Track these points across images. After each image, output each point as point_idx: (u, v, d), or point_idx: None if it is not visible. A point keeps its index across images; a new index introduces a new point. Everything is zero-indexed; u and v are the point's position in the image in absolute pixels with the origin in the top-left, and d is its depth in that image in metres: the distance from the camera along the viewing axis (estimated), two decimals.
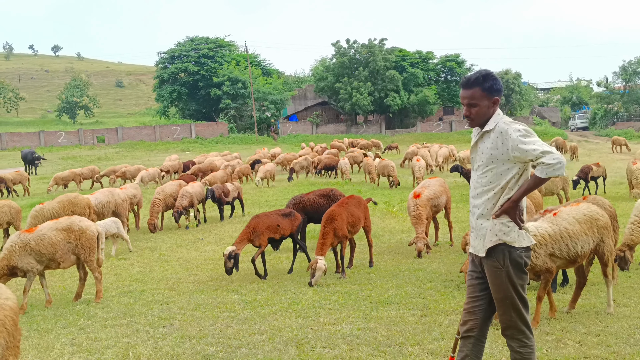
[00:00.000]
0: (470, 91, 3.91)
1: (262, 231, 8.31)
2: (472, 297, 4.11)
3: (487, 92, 3.87)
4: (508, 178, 3.85)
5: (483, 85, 3.87)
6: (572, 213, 5.89)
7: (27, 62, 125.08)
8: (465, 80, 3.95)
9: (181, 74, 60.80)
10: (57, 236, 6.92)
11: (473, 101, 3.89)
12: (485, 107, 3.89)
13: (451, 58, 65.21)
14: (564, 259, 5.75)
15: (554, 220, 5.80)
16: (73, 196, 10.76)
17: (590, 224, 5.87)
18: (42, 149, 47.53)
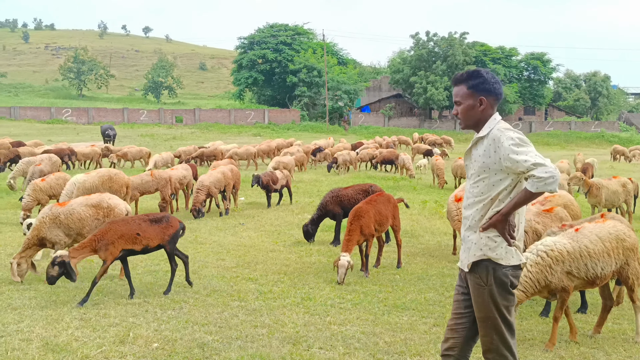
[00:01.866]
0: (456, 88, 3.74)
1: (113, 240, 6.49)
2: (456, 314, 3.84)
3: (472, 90, 3.64)
4: (500, 189, 3.56)
5: (468, 82, 3.66)
6: (596, 230, 5.45)
7: (119, 41, 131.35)
8: (453, 77, 3.79)
9: (259, 60, 61.72)
10: (86, 212, 7.16)
11: (457, 99, 3.73)
12: (470, 106, 3.65)
13: (536, 56, 62.49)
14: (581, 279, 5.36)
15: (574, 237, 5.38)
16: (114, 172, 11.09)
17: (615, 243, 5.40)
18: (124, 125, 49.90)
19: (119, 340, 5.41)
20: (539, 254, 5.26)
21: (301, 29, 66.73)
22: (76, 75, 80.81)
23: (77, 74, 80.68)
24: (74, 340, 5.39)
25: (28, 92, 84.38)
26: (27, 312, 6.12)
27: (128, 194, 11.06)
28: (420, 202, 14.94)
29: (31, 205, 11.14)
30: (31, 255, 7.26)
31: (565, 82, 67.50)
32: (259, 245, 9.93)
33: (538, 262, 5.22)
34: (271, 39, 62.75)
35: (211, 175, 12.82)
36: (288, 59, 60.70)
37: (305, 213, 13.15)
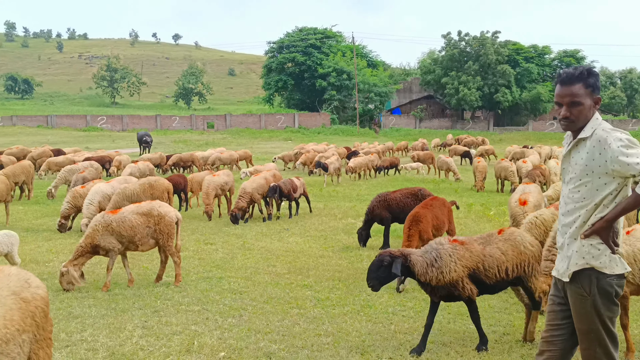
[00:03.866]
0: (572, 88, 3.38)
1: None
2: (552, 325, 3.62)
3: (591, 89, 3.37)
4: (604, 194, 3.32)
5: (587, 80, 3.36)
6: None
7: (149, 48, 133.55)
8: (566, 75, 3.41)
9: (288, 64, 61.88)
10: (137, 220, 7.13)
11: (577, 99, 3.37)
12: (588, 107, 3.38)
13: (569, 54, 61.25)
14: (636, 284, 5.03)
15: (627, 240, 5.07)
16: (154, 179, 11.06)
17: None
18: (157, 131, 50.57)
19: (185, 349, 5.32)
20: None
21: (330, 32, 66.74)
22: (109, 83, 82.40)
23: (110, 82, 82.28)
24: (139, 349, 5.32)
25: (63, 100, 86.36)
26: (88, 321, 6.08)
27: (171, 199, 10.96)
28: (465, 205, 14.64)
29: (69, 212, 11.21)
30: (83, 263, 7.25)
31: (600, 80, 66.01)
32: (307, 251, 9.80)
33: None
34: (300, 43, 62.91)
35: (254, 181, 12.78)
36: (317, 62, 60.77)
37: (349, 218, 12.99)
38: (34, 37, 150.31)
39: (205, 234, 11.16)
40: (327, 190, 17.95)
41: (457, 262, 5.16)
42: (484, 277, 5.26)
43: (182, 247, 9.72)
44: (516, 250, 5.37)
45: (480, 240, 5.44)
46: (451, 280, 5.13)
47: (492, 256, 5.29)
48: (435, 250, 5.23)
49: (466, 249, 5.25)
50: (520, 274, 5.41)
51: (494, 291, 5.60)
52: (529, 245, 5.46)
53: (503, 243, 5.40)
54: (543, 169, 15.27)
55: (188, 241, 10.38)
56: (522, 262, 5.38)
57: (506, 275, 5.32)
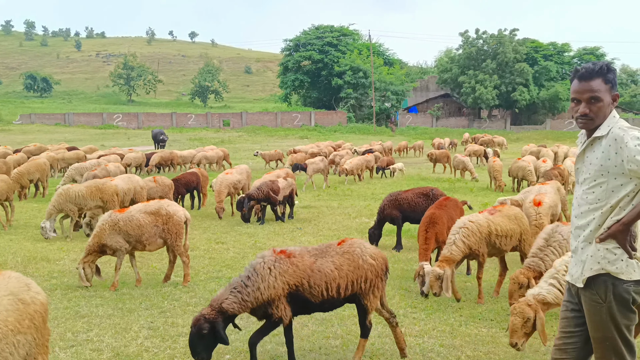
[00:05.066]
0: (591, 83, 3.22)
1: None
2: (565, 333, 3.47)
3: (610, 85, 3.22)
4: (620, 196, 3.16)
5: (607, 76, 3.20)
6: None
7: (166, 47, 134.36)
8: (585, 71, 3.25)
9: (305, 62, 61.81)
10: (145, 219, 7.07)
11: (597, 94, 3.20)
12: (607, 103, 3.23)
13: (589, 51, 60.37)
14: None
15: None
16: (102, 182, 10.76)
17: None
18: (173, 129, 50.77)
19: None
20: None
21: (347, 30, 66.52)
22: (126, 81, 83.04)
23: (127, 80, 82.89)
24: (144, 350, 5.26)
25: (81, 98, 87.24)
26: (95, 321, 6.04)
27: (117, 202, 10.54)
28: (481, 205, 14.40)
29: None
30: (93, 260, 7.23)
31: (621, 78, 65.00)
32: None
33: None
34: (317, 41, 62.80)
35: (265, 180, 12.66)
36: (334, 60, 60.60)
37: (362, 217, 12.86)
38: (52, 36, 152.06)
39: (216, 233, 11.11)
40: (342, 189, 17.83)
41: (277, 277, 4.55)
42: (309, 295, 4.66)
43: (192, 246, 9.69)
44: (353, 264, 4.81)
45: (314, 252, 4.86)
46: (269, 298, 4.53)
47: (322, 271, 4.69)
48: (252, 266, 4.66)
49: (291, 263, 4.64)
50: (356, 291, 4.84)
51: (324, 309, 4.97)
52: (369, 258, 4.90)
53: (339, 256, 4.83)
54: (561, 169, 14.97)
55: (199, 240, 10.33)
56: (358, 278, 4.82)
57: (337, 294, 4.74)
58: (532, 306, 4.67)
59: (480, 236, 6.66)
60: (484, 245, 6.72)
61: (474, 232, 6.64)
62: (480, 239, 6.66)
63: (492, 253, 6.97)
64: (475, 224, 6.73)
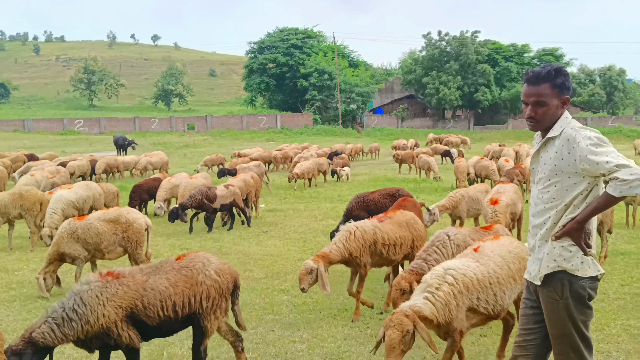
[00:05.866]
0: (538, 87, 3.30)
1: None
2: (524, 330, 3.54)
3: (558, 90, 3.27)
4: (574, 194, 3.24)
5: (554, 81, 3.26)
6: (497, 249, 4.60)
7: (128, 50, 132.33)
8: (533, 75, 3.33)
9: (270, 65, 61.65)
10: (104, 226, 6.93)
11: (542, 99, 3.28)
12: (555, 107, 3.29)
13: (549, 52, 61.72)
14: (484, 315, 4.41)
15: (479, 258, 4.49)
16: (25, 190, 10.37)
17: (519, 265, 4.57)
18: (136, 134, 49.94)
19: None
20: (447, 279, 4.20)
21: (311, 32, 66.63)
22: (87, 85, 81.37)
23: (88, 84, 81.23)
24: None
25: (40, 104, 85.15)
26: None
27: (42, 211, 10.17)
28: None
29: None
30: (54, 270, 7.06)
31: (580, 77, 66.60)
32: (285, 254, 9.65)
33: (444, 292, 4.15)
34: (281, 43, 62.73)
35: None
36: (299, 62, 60.63)
37: (329, 219, 12.87)
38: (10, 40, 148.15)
39: (181, 239, 10.96)
40: (309, 192, 17.83)
41: (106, 303, 4.11)
42: (145, 318, 4.25)
43: (156, 252, 9.54)
44: (192, 280, 4.44)
45: (147, 270, 4.49)
46: (103, 328, 4.09)
47: (155, 289, 4.29)
48: (77, 294, 4.15)
49: (120, 284, 4.23)
50: (195, 311, 4.45)
51: (162, 333, 4.56)
52: (213, 274, 4.54)
53: (176, 272, 4.44)
54: (523, 168, 15.25)
55: (163, 246, 10.18)
56: (198, 296, 4.43)
57: (174, 313, 4.34)
58: (410, 317, 3.93)
59: (363, 244, 6.27)
60: (366, 254, 6.31)
61: (357, 238, 6.27)
62: (362, 247, 6.26)
63: (380, 263, 6.62)
64: (360, 230, 6.36)
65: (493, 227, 6.20)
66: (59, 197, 9.96)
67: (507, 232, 6.20)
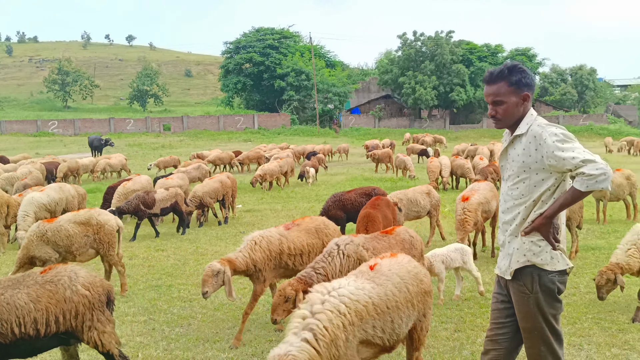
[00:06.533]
0: (494, 86, 3.37)
1: None
2: (496, 324, 3.60)
3: (514, 87, 3.33)
4: (542, 190, 3.31)
5: (509, 78, 3.33)
6: (396, 269, 4.01)
7: (102, 51, 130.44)
8: (489, 75, 3.41)
9: (246, 65, 61.39)
10: (74, 229, 6.84)
11: (499, 98, 3.36)
12: (514, 104, 3.35)
13: (521, 52, 62.55)
14: (377, 347, 3.80)
15: (376, 278, 3.87)
16: None
17: (417, 287, 4.04)
18: (111, 135, 49.28)
19: None
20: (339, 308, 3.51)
21: (287, 32, 66.49)
22: (61, 87, 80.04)
23: (62, 85, 79.91)
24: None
25: (13, 105, 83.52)
26: None
27: (9, 214, 9.95)
28: None
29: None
30: None
31: (552, 77, 67.56)
32: None
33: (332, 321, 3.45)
34: (258, 43, 62.45)
35: (206, 184, 12.41)
36: (276, 62, 60.44)
37: None
38: None
39: (156, 240, 10.87)
40: (286, 192, 17.81)
41: None
42: None
43: (131, 254, 9.47)
44: (57, 296, 4.06)
45: (6, 283, 4.11)
46: None
47: (11, 304, 3.93)
48: None
49: None
50: (67, 328, 4.12)
51: (24, 354, 4.15)
52: (81, 289, 4.19)
53: (39, 287, 4.09)
54: (496, 166, 15.47)
55: (138, 248, 10.09)
56: (66, 313, 4.08)
57: (35, 331, 3.97)
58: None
59: (269, 255, 5.72)
60: (269, 268, 5.75)
61: (263, 248, 5.73)
62: (267, 259, 5.70)
63: (287, 274, 5.99)
64: (266, 240, 5.82)
65: (394, 231, 5.69)
66: (31, 200, 9.79)
67: (412, 234, 5.75)
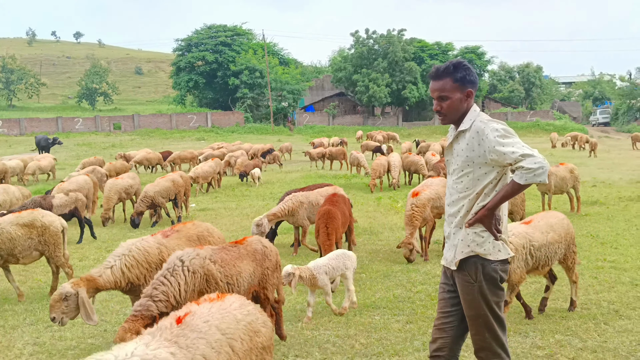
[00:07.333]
0: (440, 82, 3.51)
1: None
2: (442, 313, 3.73)
3: (459, 83, 3.47)
4: (485, 183, 3.46)
5: (454, 75, 3.46)
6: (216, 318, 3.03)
7: (49, 48, 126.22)
8: (435, 71, 3.54)
9: (198, 62, 60.59)
10: (17, 231, 6.64)
11: (444, 94, 3.50)
12: (458, 100, 3.49)
13: (471, 50, 64.04)
14: None
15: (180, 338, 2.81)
16: None
17: (249, 343, 3.19)
18: (59, 134, 47.74)
19: None
20: None
21: (240, 29, 65.93)
22: (5, 85, 77.08)
23: (6, 83, 76.96)
24: None
25: None
26: None
27: None
28: (374, 199, 14.94)
29: None
30: None
31: (500, 74, 69.54)
32: None
33: None
34: (210, 41, 61.70)
35: (158, 184, 12.15)
36: (229, 60, 59.87)
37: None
38: None
39: (107, 241, 10.67)
40: (240, 190, 17.74)
41: None
42: None
43: (81, 255, 9.28)
44: None
45: None
46: None
47: None
48: None
49: None
50: None
51: None
52: None
53: None
54: None
55: (88, 249, 9.88)
56: None
57: None
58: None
59: (148, 267, 5.14)
60: (147, 283, 4.94)
61: (140, 262, 5.14)
62: (145, 272, 5.13)
63: None
64: (142, 250, 5.23)
65: (246, 240, 5.15)
66: None
67: (266, 244, 5.22)
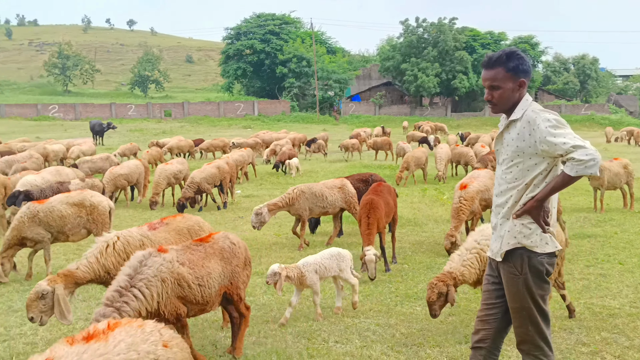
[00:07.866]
0: (492, 72, 3.44)
1: None
2: (486, 305, 3.69)
3: (512, 73, 3.40)
4: (534, 174, 3.38)
5: (507, 64, 3.39)
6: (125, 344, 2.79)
7: (103, 35, 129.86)
8: (487, 60, 3.47)
9: (247, 51, 61.14)
10: (67, 210, 7.00)
11: (495, 83, 3.43)
12: (510, 90, 3.42)
13: (524, 40, 62.27)
14: None
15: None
16: None
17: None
18: (113, 120, 49.23)
19: None
20: None
21: (288, 17, 66.13)
22: (61, 71, 79.75)
23: (62, 69, 79.62)
24: None
25: (13, 89, 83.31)
26: None
27: (6, 194, 9.86)
28: (420, 190, 14.81)
29: None
30: (12, 255, 7.07)
31: (554, 66, 67.43)
32: (260, 238, 9.74)
33: None
34: (258, 29, 62.14)
35: (204, 170, 12.38)
36: (277, 48, 60.15)
37: None
38: None
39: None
40: (285, 179, 17.88)
41: None
42: None
43: None
44: None
45: None
46: None
47: None
48: None
49: None
50: None
51: None
52: None
53: None
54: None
55: None
56: None
57: None
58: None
59: (126, 258, 4.91)
60: None
61: (118, 251, 5.06)
62: (121, 261, 4.95)
63: None
64: (123, 241, 5.16)
65: (211, 238, 4.87)
66: (25, 183, 9.92)
67: (234, 241, 4.93)
